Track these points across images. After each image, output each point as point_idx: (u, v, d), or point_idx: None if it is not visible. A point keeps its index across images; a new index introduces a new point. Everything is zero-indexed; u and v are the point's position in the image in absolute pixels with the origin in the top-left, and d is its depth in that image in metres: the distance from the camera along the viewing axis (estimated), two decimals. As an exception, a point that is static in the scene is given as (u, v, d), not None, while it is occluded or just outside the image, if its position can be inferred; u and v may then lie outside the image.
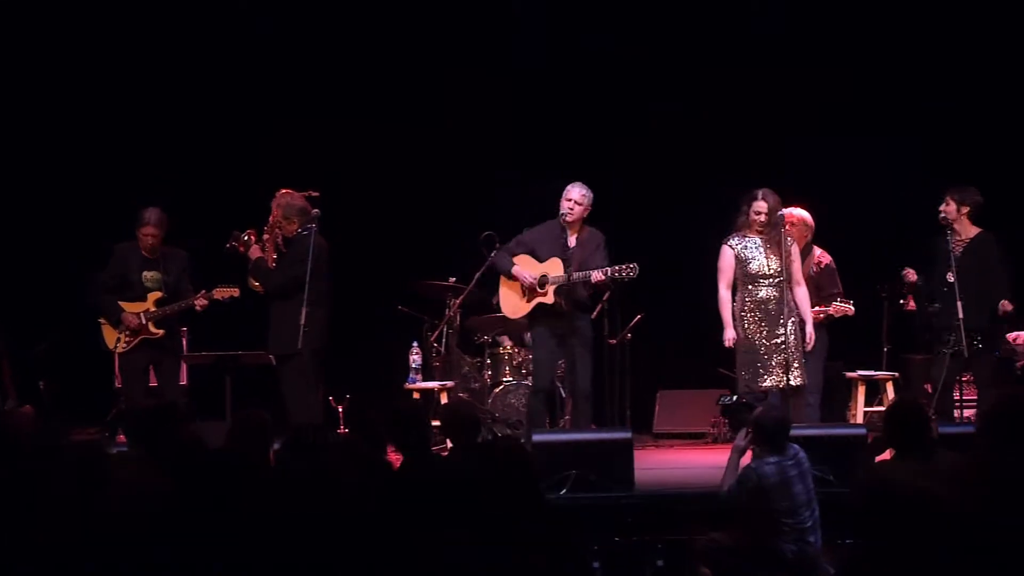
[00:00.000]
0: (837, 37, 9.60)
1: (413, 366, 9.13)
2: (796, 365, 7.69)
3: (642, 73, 9.80)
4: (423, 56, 9.92)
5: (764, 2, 9.67)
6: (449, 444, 6.41)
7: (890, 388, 8.99)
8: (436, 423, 7.16)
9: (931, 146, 9.46)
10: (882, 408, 8.76)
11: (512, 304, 8.22)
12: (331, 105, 9.93)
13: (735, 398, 6.95)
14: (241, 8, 9.79)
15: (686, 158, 9.83)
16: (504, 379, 9.41)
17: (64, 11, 9.81)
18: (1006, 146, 9.55)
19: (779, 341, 7.66)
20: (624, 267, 7.77)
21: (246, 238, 8.04)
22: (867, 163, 8.50)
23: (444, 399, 8.93)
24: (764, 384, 7.65)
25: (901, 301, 8.85)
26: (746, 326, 7.75)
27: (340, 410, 9.15)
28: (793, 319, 7.71)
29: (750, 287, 7.76)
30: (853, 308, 8.53)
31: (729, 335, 7.78)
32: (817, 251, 8.44)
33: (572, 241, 8.01)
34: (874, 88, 9.67)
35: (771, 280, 7.71)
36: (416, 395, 8.86)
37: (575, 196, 7.97)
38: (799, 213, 8.21)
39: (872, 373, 9.05)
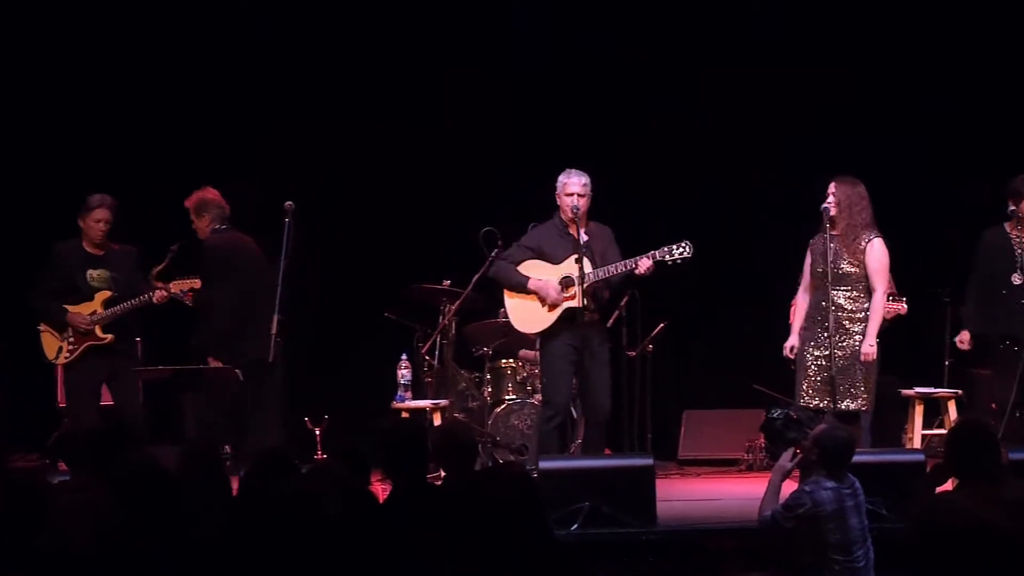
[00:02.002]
0: (837, 37, 10.31)
1: (402, 382, 9.11)
2: (847, 387, 7.65)
3: (642, 73, 10.44)
4: (423, 56, 10.47)
5: (764, 2, 10.43)
6: (443, 472, 6.41)
7: (952, 407, 8.97)
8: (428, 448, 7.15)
9: (931, 146, 10.12)
10: (943, 431, 8.74)
11: (529, 315, 8.17)
12: (330, 105, 10.41)
13: (784, 412, 6.92)
14: (241, 8, 10.37)
15: (686, 158, 10.39)
16: (507, 397, 9.40)
17: (60, 7, 10.24)
18: (1007, 146, 9.97)
19: (826, 355, 7.65)
20: (675, 246, 7.77)
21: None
22: (867, 163, 8.84)
23: (437, 420, 8.92)
24: (805, 400, 7.65)
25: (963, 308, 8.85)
26: (799, 333, 7.78)
27: (317, 433, 9.14)
28: (857, 332, 7.68)
29: (813, 291, 7.79)
30: (906, 307, 8.54)
31: (787, 343, 7.81)
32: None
33: (582, 236, 8.02)
34: (874, 88, 10.34)
35: (836, 285, 7.67)
36: (405, 415, 8.85)
37: (576, 188, 8.00)
38: None
39: (932, 390, 9.03)
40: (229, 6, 10.36)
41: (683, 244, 7.81)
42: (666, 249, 7.83)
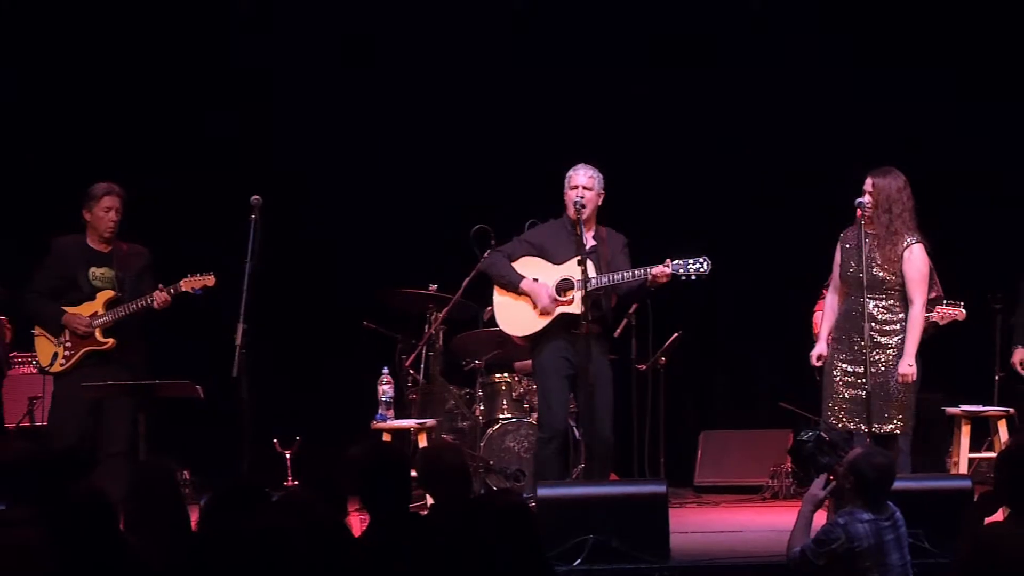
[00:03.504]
0: (837, 37, 10.78)
1: (383, 399, 9.09)
2: (880, 408, 7.64)
3: (642, 73, 10.85)
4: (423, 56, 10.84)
5: (764, 2, 10.92)
6: (429, 501, 6.39)
7: (1003, 427, 8.97)
8: (412, 474, 7.13)
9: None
10: (993, 454, 8.74)
11: (519, 317, 8.17)
12: (323, 102, 10.79)
13: (816, 434, 6.91)
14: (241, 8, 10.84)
15: (686, 158, 10.73)
16: (501, 416, 9.39)
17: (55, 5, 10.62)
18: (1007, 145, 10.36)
19: (859, 371, 7.63)
20: (692, 260, 7.78)
21: None
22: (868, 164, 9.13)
23: (423, 442, 8.91)
24: (833, 421, 7.64)
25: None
26: (828, 344, 7.77)
27: (288, 457, 9.13)
28: (892, 346, 7.67)
29: (844, 297, 7.77)
30: (964, 312, 8.54)
31: (814, 351, 7.80)
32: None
33: (589, 239, 8.01)
34: (875, 88, 10.70)
35: (869, 290, 7.65)
36: (386, 436, 8.84)
37: (583, 180, 8.03)
38: None
39: (980, 408, 9.03)
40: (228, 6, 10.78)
41: (701, 259, 7.81)
42: (680, 262, 7.81)
